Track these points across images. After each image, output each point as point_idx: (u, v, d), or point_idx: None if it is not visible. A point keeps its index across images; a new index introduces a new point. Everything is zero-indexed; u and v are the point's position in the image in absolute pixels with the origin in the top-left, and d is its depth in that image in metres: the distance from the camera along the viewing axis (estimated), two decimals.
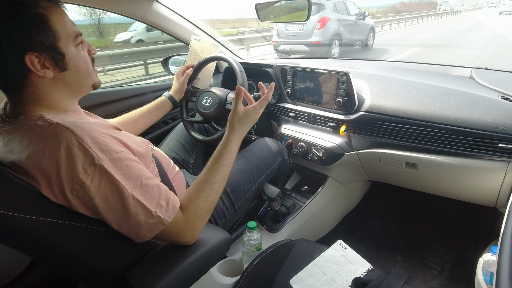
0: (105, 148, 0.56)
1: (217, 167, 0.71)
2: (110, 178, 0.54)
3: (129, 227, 0.57)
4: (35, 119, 0.56)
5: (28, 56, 0.54)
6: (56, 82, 0.60)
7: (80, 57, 0.62)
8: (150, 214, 0.57)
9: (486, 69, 1.24)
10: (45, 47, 0.56)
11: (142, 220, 0.57)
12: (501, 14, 15.23)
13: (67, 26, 0.59)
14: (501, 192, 0.89)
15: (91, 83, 0.67)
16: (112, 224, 0.57)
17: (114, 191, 0.55)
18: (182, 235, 0.63)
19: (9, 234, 0.53)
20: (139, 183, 0.58)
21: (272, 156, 1.12)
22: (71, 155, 0.52)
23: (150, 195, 0.58)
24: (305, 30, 6.10)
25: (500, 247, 0.51)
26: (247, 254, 1.00)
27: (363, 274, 0.78)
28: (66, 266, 0.61)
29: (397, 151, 0.99)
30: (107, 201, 0.55)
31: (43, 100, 0.60)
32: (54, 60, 0.58)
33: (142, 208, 0.57)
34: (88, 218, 0.57)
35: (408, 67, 1.52)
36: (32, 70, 0.55)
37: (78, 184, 0.53)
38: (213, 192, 0.68)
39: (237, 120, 0.79)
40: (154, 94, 1.46)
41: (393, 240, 1.44)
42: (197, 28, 1.46)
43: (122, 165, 0.57)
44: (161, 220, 0.58)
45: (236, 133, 0.77)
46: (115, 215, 0.56)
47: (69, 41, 0.60)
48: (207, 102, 1.17)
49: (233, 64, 1.11)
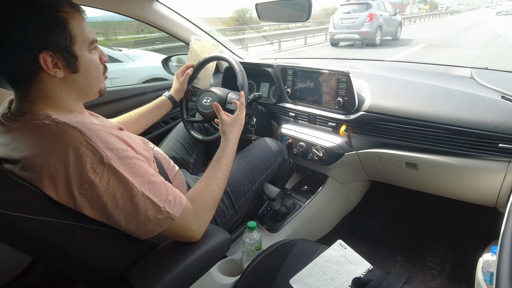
0: (112, 147, 0.56)
1: (218, 166, 0.80)
2: (119, 176, 0.55)
3: (137, 224, 0.58)
4: (42, 118, 0.56)
5: (43, 55, 0.55)
6: (65, 82, 0.61)
7: (92, 62, 0.64)
8: (159, 210, 0.59)
9: (486, 69, 1.24)
10: (60, 48, 0.57)
11: (151, 215, 0.58)
12: (499, 15, 15.26)
13: (85, 32, 0.61)
14: (501, 192, 0.89)
15: (98, 88, 0.68)
16: (121, 222, 0.57)
17: (123, 189, 0.56)
18: (190, 227, 0.65)
19: (10, 234, 0.53)
20: (147, 180, 0.59)
21: (272, 156, 1.12)
22: (80, 154, 0.53)
23: (158, 191, 0.60)
24: (357, 23, 8.18)
25: (500, 247, 0.51)
26: (247, 254, 1.00)
27: (363, 274, 0.78)
28: (66, 265, 0.61)
29: (397, 151, 0.99)
30: (116, 199, 0.56)
31: (50, 99, 0.60)
32: (67, 61, 0.59)
33: (151, 204, 0.58)
34: (88, 218, 0.57)
35: (408, 67, 1.52)
36: (43, 68, 0.56)
37: (87, 183, 0.53)
38: (218, 186, 0.75)
39: (225, 127, 0.90)
40: (154, 93, 1.46)
41: (393, 240, 1.44)
42: (197, 28, 1.46)
43: (130, 163, 0.58)
44: (170, 215, 0.60)
45: (229, 138, 0.88)
46: (124, 212, 0.57)
47: (84, 46, 0.62)
48: (207, 102, 1.17)
49: (233, 64, 1.11)
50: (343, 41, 8.95)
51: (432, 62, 1.52)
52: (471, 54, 6.53)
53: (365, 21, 8.06)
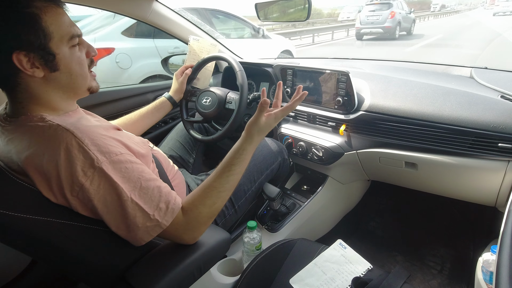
0: (105, 150, 0.55)
1: (227, 175, 0.67)
2: (109, 180, 0.54)
3: (127, 229, 0.57)
4: (36, 120, 0.56)
5: (15, 55, 0.53)
6: (47, 82, 0.59)
7: (73, 59, 0.60)
8: (148, 217, 0.57)
9: (486, 69, 1.24)
10: (34, 47, 0.55)
11: (139, 223, 0.56)
12: (495, 15, 15.31)
13: (62, 27, 0.57)
14: (500, 192, 0.89)
15: (86, 86, 0.65)
16: (111, 226, 0.57)
17: (112, 194, 0.55)
18: (181, 237, 0.63)
19: (9, 234, 0.53)
20: (138, 185, 0.57)
21: (272, 156, 1.12)
22: (71, 157, 0.52)
23: (149, 197, 0.58)
24: (380, 19, 9.98)
25: (499, 246, 0.51)
26: (247, 253, 1.00)
27: (363, 273, 0.78)
28: (66, 265, 0.61)
29: (397, 151, 0.99)
30: (106, 203, 0.55)
31: (39, 99, 0.59)
32: (43, 60, 0.56)
33: (140, 211, 0.56)
34: (88, 218, 0.57)
35: (408, 66, 1.52)
36: (20, 69, 0.54)
37: (78, 186, 0.53)
38: (219, 200, 0.66)
39: (256, 130, 0.72)
40: (154, 94, 1.46)
41: (392, 239, 1.44)
42: (196, 28, 1.45)
43: (122, 167, 0.57)
44: (159, 224, 0.58)
45: (253, 142, 0.72)
46: (113, 217, 0.56)
47: (63, 42, 0.58)
48: (207, 102, 1.17)
49: (233, 63, 1.10)
50: (367, 34, 10.88)
51: (431, 62, 1.52)
52: (471, 54, 6.54)
53: (388, 18, 9.96)
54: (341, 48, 9.92)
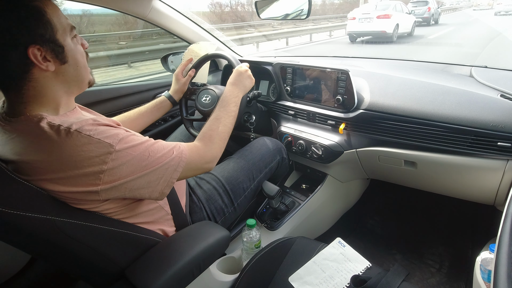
0: (111, 134, 0.58)
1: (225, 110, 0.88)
2: (127, 155, 0.59)
3: (159, 179, 0.63)
4: (36, 121, 0.56)
5: (31, 49, 0.54)
6: (57, 75, 0.60)
7: (77, 50, 0.63)
8: (171, 157, 0.66)
9: (485, 68, 1.24)
10: (46, 40, 0.56)
11: (166, 165, 0.64)
12: (497, 15, 15.29)
13: (62, 19, 0.59)
14: (499, 191, 0.89)
15: (88, 78, 0.67)
16: (143, 189, 0.62)
17: (136, 162, 0.60)
18: (203, 157, 0.75)
19: (9, 232, 0.53)
20: (150, 143, 0.64)
21: (271, 154, 1.12)
22: (83, 152, 0.54)
23: (162, 146, 0.66)
24: (421, 12, 11.63)
25: (498, 245, 0.51)
26: (246, 251, 1.00)
27: (362, 271, 0.78)
28: (65, 263, 0.61)
29: (396, 149, 0.99)
30: (134, 171, 0.59)
31: (43, 97, 0.59)
32: (54, 52, 0.58)
33: (163, 157, 0.64)
34: (88, 216, 0.57)
35: (408, 65, 1.52)
36: (35, 64, 0.55)
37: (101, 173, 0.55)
38: (220, 124, 0.83)
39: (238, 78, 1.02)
40: (153, 91, 1.46)
41: (391, 238, 1.44)
42: (196, 26, 1.45)
43: (129, 139, 0.61)
44: (181, 157, 0.67)
45: (239, 89, 0.99)
46: (145, 178, 0.61)
47: (66, 34, 0.60)
48: (207, 100, 1.17)
49: (232, 61, 1.10)
50: None
51: (431, 61, 1.51)
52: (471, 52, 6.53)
53: (426, 11, 11.95)
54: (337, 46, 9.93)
